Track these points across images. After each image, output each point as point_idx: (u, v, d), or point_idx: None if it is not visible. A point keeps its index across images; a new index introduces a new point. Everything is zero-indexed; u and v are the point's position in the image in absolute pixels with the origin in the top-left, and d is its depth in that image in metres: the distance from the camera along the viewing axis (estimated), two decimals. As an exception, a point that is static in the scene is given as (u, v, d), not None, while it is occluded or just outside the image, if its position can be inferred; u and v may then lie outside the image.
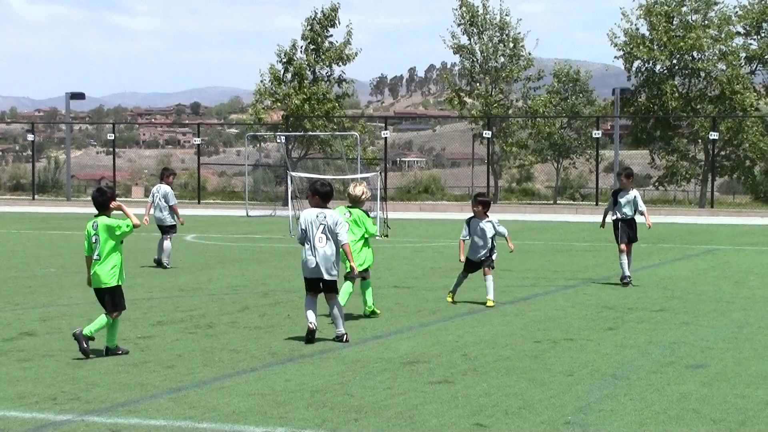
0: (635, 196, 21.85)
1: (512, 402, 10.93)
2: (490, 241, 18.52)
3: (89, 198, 21.11)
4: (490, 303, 18.39)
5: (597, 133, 61.75)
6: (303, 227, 14.66)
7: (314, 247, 14.53)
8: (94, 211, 13.71)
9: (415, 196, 71.48)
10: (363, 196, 16.99)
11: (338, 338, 14.74)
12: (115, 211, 13.77)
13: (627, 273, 21.59)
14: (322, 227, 14.57)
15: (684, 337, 15.10)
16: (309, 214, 14.71)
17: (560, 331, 15.65)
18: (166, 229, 25.65)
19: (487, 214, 18.65)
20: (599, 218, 22.87)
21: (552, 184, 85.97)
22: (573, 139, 76.28)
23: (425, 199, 69.14)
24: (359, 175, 46.37)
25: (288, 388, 11.54)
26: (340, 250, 14.77)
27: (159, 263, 25.21)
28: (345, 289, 16.36)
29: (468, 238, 18.71)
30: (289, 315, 17.09)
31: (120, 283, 13.64)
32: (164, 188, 25.96)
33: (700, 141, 64.39)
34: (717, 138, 58.82)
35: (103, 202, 13.70)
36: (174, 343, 14.43)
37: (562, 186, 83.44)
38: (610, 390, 11.53)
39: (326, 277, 14.62)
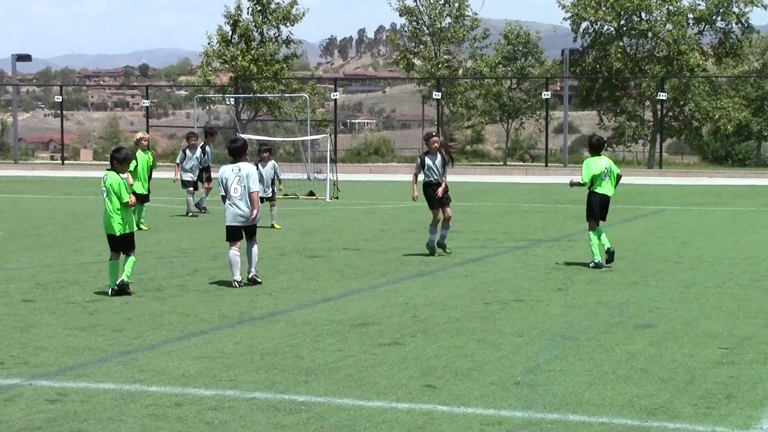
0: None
1: (462, 363, 10.96)
2: (271, 179, 25.29)
3: (37, 161, 21.01)
4: (277, 227, 25.06)
5: (546, 94, 61.79)
6: (221, 181, 16.39)
7: (231, 197, 16.27)
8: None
9: (365, 158, 71.49)
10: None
11: (251, 281, 16.32)
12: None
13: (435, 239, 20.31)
14: (237, 179, 16.21)
15: (632, 298, 15.20)
16: (230, 169, 16.35)
17: (510, 292, 15.71)
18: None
19: (270, 158, 25.16)
20: (549, 179, 22.89)
21: (502, 146, 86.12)
22: (523, 100, 76.36)
23: (375, 161, 69.12)
24: (309, 137, 46.25)
25: (238, 351, 11.51)
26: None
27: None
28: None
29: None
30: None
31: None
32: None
33: (648, 102, 64.71)
34: (665, 98, 59.08)
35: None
36: (123, 307, 14.36)
37: (512, 147, 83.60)
38: (560, 350, 11.59)
39: (246, 223, 16.33)
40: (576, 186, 18.87)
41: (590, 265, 18.32)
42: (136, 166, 24.66)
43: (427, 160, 19.89)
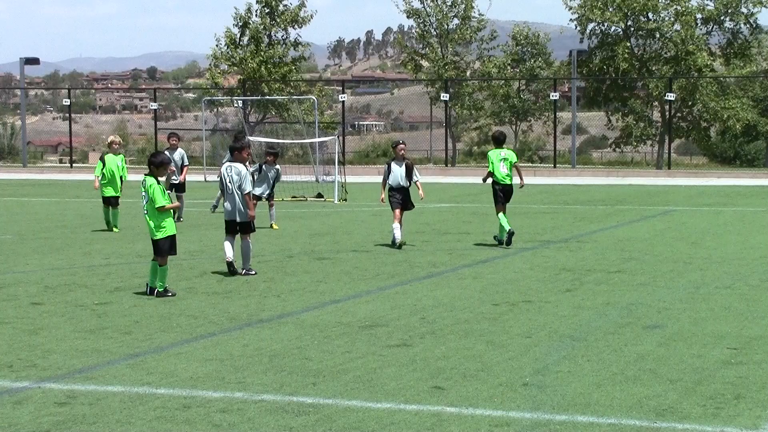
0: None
1: (470, 364, 10.95)
2: (273, 180, 25.66)
3: (46, 164, 21.13)
4: (276, 227, 25.55)
5: (554, 95, 61.68)
6: (220, 179, 17.97)
7: (226, 194, 17.77)
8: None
9: (373, 160, 71.41)
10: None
11: (245, 272, 17.61)
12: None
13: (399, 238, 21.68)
14: (228, 178, 17.68)
15: (641, 298, 15.18)
16: (224, 168, 17.88)
17: (518, 293, 15.70)
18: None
19: (276, 162, 25.66)
20: (557, 180, 22.94)
21: (510, 147, 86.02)
22: (531, 101, 76.26)
23: (384, 163, 68.94)
24: (317, 139, 46.26)
25: (246, 353, 11.51)
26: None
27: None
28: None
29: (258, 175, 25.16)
30: (247, 280, 17.06)
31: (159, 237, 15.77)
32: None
33: (656, 102, 64.61)
34: (673, 99, 58.99)
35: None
36: (131, 309, 14.37)
37: (520, 149, 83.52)
38: (568, 351, 11.57)
39: (239, 219, 17.60)
40: (487, 177, 22.27)
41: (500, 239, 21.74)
42: (103, 168, 25.26)
43: (393, 166, 22.10)
